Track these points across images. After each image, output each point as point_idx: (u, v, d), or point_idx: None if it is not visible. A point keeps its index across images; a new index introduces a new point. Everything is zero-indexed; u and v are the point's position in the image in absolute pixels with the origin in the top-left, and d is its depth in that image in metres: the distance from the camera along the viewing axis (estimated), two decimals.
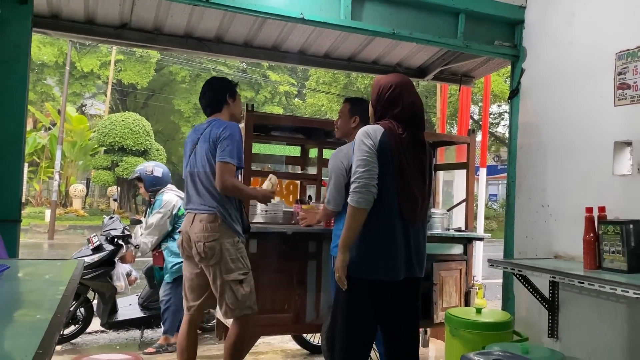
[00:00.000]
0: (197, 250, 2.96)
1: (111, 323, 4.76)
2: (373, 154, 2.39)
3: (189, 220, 3.06)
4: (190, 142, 3.17)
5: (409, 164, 2.48)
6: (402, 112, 2.55)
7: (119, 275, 4.71)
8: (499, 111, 22.01)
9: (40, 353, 1.00)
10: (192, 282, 3.14)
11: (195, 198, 3.05)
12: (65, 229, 16.34)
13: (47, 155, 19.96)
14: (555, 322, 3.20)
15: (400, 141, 2.47)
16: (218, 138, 2.96)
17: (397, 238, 2.44)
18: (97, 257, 4.58)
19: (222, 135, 2.95)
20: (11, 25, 2.74)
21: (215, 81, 3.27)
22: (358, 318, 2.48)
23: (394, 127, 2.49)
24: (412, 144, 2.53)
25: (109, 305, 4.71)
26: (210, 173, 2.98)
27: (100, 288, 4.66)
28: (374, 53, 4.56)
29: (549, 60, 3.54)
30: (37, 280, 1.91)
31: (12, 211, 2.72)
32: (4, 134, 2.71)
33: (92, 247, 4.66)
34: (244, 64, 24.38)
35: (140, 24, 3.85)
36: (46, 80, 22.42)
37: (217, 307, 3.13)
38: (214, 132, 2.99)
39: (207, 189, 3.00)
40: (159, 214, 4.51)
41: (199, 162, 3.03)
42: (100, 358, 2.28)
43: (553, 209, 3.37)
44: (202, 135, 3.07)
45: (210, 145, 2.98)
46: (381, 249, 2.42)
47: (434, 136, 5.31)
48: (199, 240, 2.95)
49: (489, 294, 6.51)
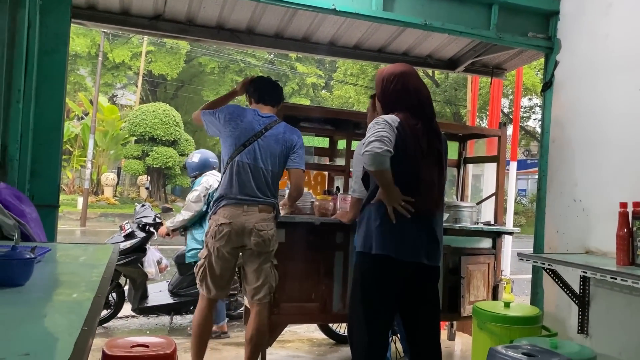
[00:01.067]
0: (259, 239, 3.04)
1: (141, 308, 4.87)
2: (390, 131, 2.40)
3: (239, 211, 3.03)
4: (249, 129, 3.09)
5: (424, 154, 2.49)
6: (411, 101, 2.54)
7: (150, 262, 4.83)
8: (529, 104, 21.63)
9: (86, 330, 1.04)
10: (226, 269, 3.13)
11: (253, 190, 3.06)
12: (96, 216, 16.73)
13: (80, 144, 20.43)
14: (585, 318, 3.17)
15: (415, 132, 2.48)
16: (294, 145, 3.18)
17: (413, 226, 2.46)
18: (130, 244, 4.71)
19: (299, 143, 3.19)
20: (51, 16, 2.82)
21: (280, 85, 3.49)
22: (378, 296, 2.51)
23: (407, 117, 2.49)
24: (427, 133, 2.53)
25: (139, 290, 4.83)
26: (278, 175, 3.20)
27: (132, 274, 4.78)
28: (405, 44, 4.53)
29: (584, 53, 3.47)
30: (75, 263, 1.98)
31: (51, 197, 2.81)
32: (44, 122, 2.79)
33: (124, 234, 4.79)
34: (271, 55, 24.48)
35: (174, 15, 3.90)
36: (79, 70, 22.91)
37: (251, 293, 3.15)
38: (290, 138, 3.17)
39: (269, 185, 3.14)
40: (195, 191, 4.58)
41: (268, 161, 3.10)
42: (135, 340, 2.35)
43: (585, 203, 3.32)
44: (268, 132, 3.11)
45: (285, 149, 3.16)
46: (400, 233, 2.45)
47: (464, 128, 5.26)
48: (263, 229, 3.06)
49: (517, 289, 6.45)
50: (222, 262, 3.10)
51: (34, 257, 1.48)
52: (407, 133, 2.44)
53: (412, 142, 2.45)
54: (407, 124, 2.46)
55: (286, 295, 3.49)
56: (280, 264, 3.26)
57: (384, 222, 2.46)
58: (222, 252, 3.07)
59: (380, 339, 2.54)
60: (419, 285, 2.58)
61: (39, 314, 1.24)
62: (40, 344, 1.00)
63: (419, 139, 2.48)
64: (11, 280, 1.40)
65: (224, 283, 3.17)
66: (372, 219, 2.51)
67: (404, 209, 2.43)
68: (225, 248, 3.06)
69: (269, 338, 3.46)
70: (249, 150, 3.07)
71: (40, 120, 2.79)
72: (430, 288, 2.63)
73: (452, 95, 20.28)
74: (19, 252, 1.45)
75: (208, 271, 3.12)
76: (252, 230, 3.03)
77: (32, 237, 2.40)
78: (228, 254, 3.09)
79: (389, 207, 2.44)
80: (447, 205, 4.08)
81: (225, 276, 3.17)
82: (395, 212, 2.44)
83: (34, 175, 2.81)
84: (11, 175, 2.65)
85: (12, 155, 2.65)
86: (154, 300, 4.98)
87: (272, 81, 3.40)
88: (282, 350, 4.12)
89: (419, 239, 2.49)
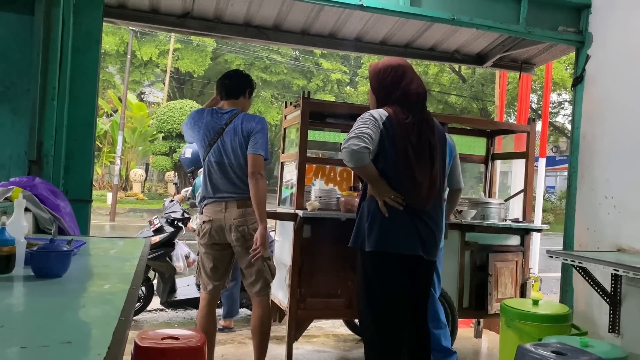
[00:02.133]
0: (239, 235, 3.01)
1: (170, 302, 4.96)
2: (373, 127, 2.43)
3: (219, 208, 3.06)
4: (210, 129, 3.11)
5: (414, 148, 2.49)
6: (404, 94, 2.55)
7: (179, 256, 4.92)
8: (558, 100, 21.22)
9: (123, 320, 1.08)
10: (218, 262, 3.16)
11: (226, 187, 3.07)
12: (125, 211, 17.03)
13: (109, 140, 20.78)
14: (616, 317, 3.11)
15: (405, 126, 2.48)
16: (252, 131, 3.04)
17: (406, 220, 2.48)
18: (159, 238, 4.80)
19: (256, 129, 3.04)
20: (84, 15, 2.89)
21: (240, 72, 3.38)
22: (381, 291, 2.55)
23: (397, 112, 2.49)
24: (418, 126, 2.53)
25: (168, 284, 4.91)
26: (245, 165, 3.05)
27: (160, 268, 4.87)
28: (432, 39, 4.50)
29: (617, 46, 3.39)
30: (108, 256, 2.03)
31: (84, 192, 2.88)
32: (77, 118, 2.87)
33: (153, 229, 4.89)
34: (296, 52, 24.51)
35: (202, 12, 3.95)
36: (108, 68, 23.30)
37: (248, 287, 3.15)
38: (247, 126, 3.05)
39: (240, 178, 3.06)
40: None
41: (231, 155, 3.06)
42: (165, 333, 2.39)
43: (618, 200, 3.25)
44: (228, 127, 3.08)
45: (243, 139, 3.04)
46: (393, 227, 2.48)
47: (492, 124, 5.20)
48: (242, 224, 3.01)
49: (545, 287, 6.36)
50: (211, 258, 3.14)
51: (71, 249, 1.53)
52: (395, 128, 2.46)
53: (400, 137, 2.47)
54: (396, 118, 2.48)
55: (312, 291, 3.51)
56: (306, 259, 3.28)
57: (374, 218, 2.50)
58: (207, 249, 3.13)
59: (390, 333, 2.55)
60: (418, 277, 2.61)
61: (78, 304, 1.29)
62: (80, 333, 1.04)
63: (408, 133, 2.49)
64: (50, 271, 1.45)
65: (217, 277, 3.17)
66: (364, 215, 2.56)
67: (394, 202, 2.46)
68: (209, 245, 3.11)
69: (295, 332, 3.49)
70: (214, 148, 3.08)
71: (74, 117, 2.86)
72: (427, 279, 2.69)
73: (479, 90, 20.03)
74: (57, 245, 1.50)
75: (201, 267, 3.20)
76: (231, 227, 3.03)
77: (67, 230, 2.47)
78: (214, 250, 3.12)
79: (379, 201, 2.48)
80: (474, 202, 4.06)
81: (218, 271, 3.16)
82: (386, 206, 2.47)
83: (68, 170, 2.89)
84: (46, 171, 2.73)
85: (47, 151, 2.73)
86: (182, 294, 5.06)
87: (227, 75, 3.29)
88: (307, 345, 4.15)
89: (413, 232, 2.50)
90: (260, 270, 3.09)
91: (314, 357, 3.88)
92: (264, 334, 3.13)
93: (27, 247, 1.57)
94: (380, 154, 2.47)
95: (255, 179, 2.98)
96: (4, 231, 1.49)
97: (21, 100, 2.81)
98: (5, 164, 2.80)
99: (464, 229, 3.86)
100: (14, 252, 1.49)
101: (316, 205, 3.61)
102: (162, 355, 2.23)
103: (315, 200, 3.78)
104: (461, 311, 3.88)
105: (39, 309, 1.20)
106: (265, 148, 3.04)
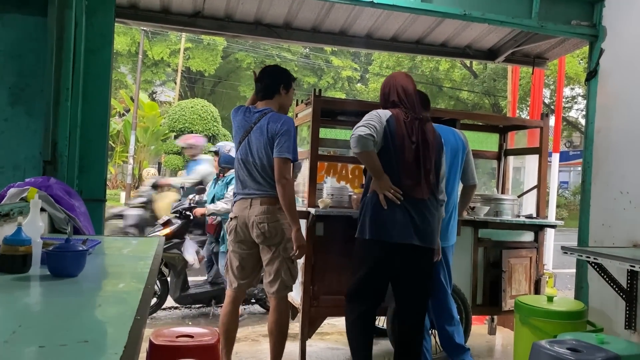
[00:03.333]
0: (259, 232, 3.02)
1: (183, 296, 5.03)
2: (379, 121, 2.74)
3: (245, 205, 3.08)
4: (241, 127, 3.15)
5: (413, 143, 2.77)
6: (398, 97, 2.89)
7: (189, 249, 5.06)
8: (571, 94, 21.00)
9: (139, 319, 1.08)
10: (244, 262, 3.16)
11: (252, 184, 3.09)
12: None
13: (122, 140, 20.92)
14: (633, 313, 3.08)
15: (405, 124, 2.78)
16: (276, 133, 3.01)
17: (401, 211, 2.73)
18: (169, 230, 5.00)
19: (280, 131, 3.00)
20: (97, 16, 2.91)
21: (274, 69, 3.28)
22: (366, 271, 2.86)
23: (399, 112, 2.82)
24: (416, 126, 2.81)
25: (180, 278, 5.00)
26: (268, 166, 3.05)
27: (172, 260, 4.98)
28: (443, 35, 4.47)
29: (632, 40, 3.35)
30: (122, 255, 2.05)
31: (98, 191, 2.91)
32: (91, 118, 2.89)
33: (161, 223, 5.11)
34: (307, 49, 24.50)
35: (212, 11, 3.96)
36: (120, 68, 23.46)
37: (266, 286, 3.15)
38: (272, 127, 3.02)
39: (264, 177, 3.06)
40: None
41: (255, 154, 3.06)
42: (180, 331, 2.41)
43: (633, 195, 3.22)
44: (256, 126, 3.08)
45: (267, 140, 3.03)
46: (389, 218, 2.74)
47: (504, 120, 5.17)
48: (262, 221, 3.01)
49: (559, 284, 6.31)
50: (238, 257, 3.15)
51: (87, 249, 1.54)
52: (397, 125, 2.77)
53: (400, 133, 2.76)
54: (397, 117, 2.79)
55: (325, 288, 3.51)
56: (319, 257, 3.28)
57: (375, 210, 2.77)
58: (234, 247, 3.15)
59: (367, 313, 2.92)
60: (412, 264, 2.82)
61: (94, 303, 1.30)
62: (97, 332, 1.05)
63: (408, 130, 2.78)
64: (66, 271, 1.47)
65: (244, 275, 3.17)
66: (367, 209, 2.83)
67: (393, 196, 2.72)
68: (236, 242, 3.13)
69: (308, 330, 3.50)
70: (243, 146, 3.11)
71: (88, 118, 2.88)
72: (423, 267, 2.87)
73: (490, 86, 19.88)
74: (72, 244, 1.51)
75: (229, 263, 3.22)
76: (253, 224, 3.04)
77: (82, 230, 2.50)
78: (240, 249, 3.14)
79: (380, 195, 2.75)
80: (487, 198, 4.03)
81: (246, 268, 3.17)
82: (386, 199, 2.73)
83: (82, 170, 2.91)
84: (61, 171, 2.76)
85: (61, 152, 2.75)
86: (194, 289, 5.12)
87: (259, 74, 3.24)
88: (321, 342, 4.15)
89: (408, 222, 2.74)
90: (279, 271, 3.07)
91: (327, 355, 3.89)
92: (281, 335, 3.12)
93: (43, 246, 1.59)
94: (383, 149, 2.76)
95: (282, 185, 2.98)
96: (20, 231, 1.50)
97: (35, 101, 2.84)
98: (21, 164, 2.83)
99: (477, 226, 3.84)
100: (30, 252, 1.51)
101: (328, 202, 3.62)
102: (177, 353, 2.25)
103: (328, 198, 3.78)
104: (475, 308, 3.86)
105: (56, 308, 1.22)
106: (291, 150, 3.00)
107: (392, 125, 2.76)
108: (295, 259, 3.10)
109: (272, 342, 3.13)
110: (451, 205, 3.33)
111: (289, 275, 3.10)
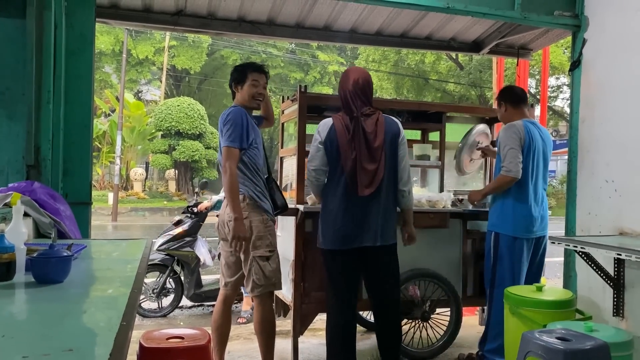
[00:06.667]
0: (228, 229, 3.02)
1: (197, 294, 5.06)
2: (316, 148, 2.89)
3: (224, 203, 3.11)
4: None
5: (354, 146, 2.82)
6: (341, 100, 2.95)
7: (201, 247, 5.12)
8: (556, 84, 21.15)
9: (125, 325, 1.07)
10: (229, 260, 3.21)
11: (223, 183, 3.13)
12: (127, 211, 17.03)
13: (108, 140, 20.75)
14: (620, 301, 3.11)
15: (343, 129, 2.85)
16: (222, 126, 3.06)
17: (346, 215, 2.85)
18: (181, 229, 5.09)
19: (223, 121, 3.06)
20: (76, 16, 2.87)
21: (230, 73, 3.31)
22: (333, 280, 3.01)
23: (341, 117, 2.89)
24: (355, 126, 2.84)
25: (194, 276, 5.05)
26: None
27: (185, 258, 5.04)
28: (427, 28, 4.47)
29: (613, 29, 3.37)
30: (109, 259, 2.03)
31: (83, 194, 2.88)
32: (74, 121, 2.86)
33: (173, 223, 5.22)
34: (292, 45, 24.43)
35: (195, 9, 3.93)
36: (104, 68, 23.24)
37: (245, 285, 3.15)
38: (220, 121, 3.10)
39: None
40: None
41: (219, 152, 3.12)
42: (171, 332, 2.40)
43: (618, 184, 3.25)
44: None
45: (221, 135, 3.08)
46: (333, 225, 2.87)
47: (490, 111, 5.17)
48: (230, 219, 3.00)
49: (549, 272, 6.36)
50: (224, 253, 3.22)
51: (72, 254, 1.52)
52: (336, 133, 2.85)
53: (340, 139, 2.83)
54: (337, 124, 2.87)
55: (316, 285, 3.51)
56: (308, 253, 3.28)
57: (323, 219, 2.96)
58: (221, 244, 3.23)
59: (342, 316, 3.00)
60: (375, 265, 2.94)
61: (79, 310, 1.28)
62: (82, 339, 1.04)
63: (347, 133, 2.84)
64: (51, 277, 1.45)
65: (231, 273, 3.20)
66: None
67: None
68: (220, 240, 3.21)
69: (300, 327, 3.50)
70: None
71: (70, 120, 2.85)
72: (385, 265, 2.96)
73: (476, 77, 19.96)
74: (56, 250, 1.49)
75: (220, 262, 3.30)
76: (224, 222, 3.07)
77: (68, 234, 2.47)
78: (224, 245, 3.20)
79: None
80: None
81: (231, 267, 3.19)
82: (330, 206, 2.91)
83: (67, 173, 2.88)
84: (45, 175, 2.72)
85: (44, 156, 2.72)
86: (208, 287, 5.14)
87: None
88: (313, 338, 4.16)
89: (354, 226, 2.84)
90: (250, 270, 3.06)
91: (320, 351, 3.89)
92: (265, 334, 3.11)
93: (28, 253, 1.57)
94: (329, 158, 2.88)
95: (223, 172, 3.00)
96: (3, 238, 1.48)
97: (17, 104, 2.80)
98: (4, 169, 2.80)
99: (466, 218, 3.86)
100: (14, 259, 1.49)
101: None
102: (168, 355, 2.24)
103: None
104: (465, 299, 3.88)
105: (40, 316, 1.20)
106: (232, 138, 2.98)
107: (332, 134, 2.86)
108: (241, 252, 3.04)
109: (259, 342, 3.16)
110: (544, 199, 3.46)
111: (261, 274, 3.04)
